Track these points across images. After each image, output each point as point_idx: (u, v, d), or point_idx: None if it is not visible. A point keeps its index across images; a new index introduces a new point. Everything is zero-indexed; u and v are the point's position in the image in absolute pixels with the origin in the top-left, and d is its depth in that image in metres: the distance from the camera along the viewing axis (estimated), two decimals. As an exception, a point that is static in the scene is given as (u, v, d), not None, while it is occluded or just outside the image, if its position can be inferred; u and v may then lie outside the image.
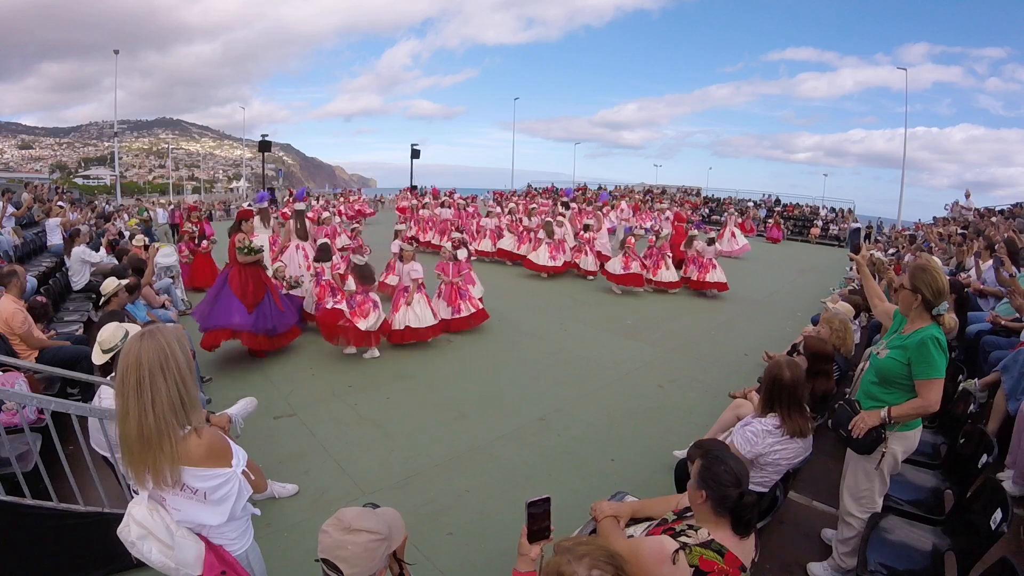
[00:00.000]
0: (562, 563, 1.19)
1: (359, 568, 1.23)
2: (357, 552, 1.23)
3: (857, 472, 2.48)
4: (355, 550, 1.23)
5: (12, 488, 2.40)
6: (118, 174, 35.08)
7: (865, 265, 2.98)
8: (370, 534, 1.25)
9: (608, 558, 1.18)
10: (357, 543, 1.23)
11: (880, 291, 2.95)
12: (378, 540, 1.26)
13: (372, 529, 1.26)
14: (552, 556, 1.26)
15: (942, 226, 13.40)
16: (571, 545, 1.24)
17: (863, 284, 3.03)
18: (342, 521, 1.27)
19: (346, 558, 1.22)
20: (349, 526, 1.25)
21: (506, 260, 11.65)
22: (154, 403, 1.35)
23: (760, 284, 11.04)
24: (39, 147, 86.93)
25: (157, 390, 1.35)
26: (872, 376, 2.45)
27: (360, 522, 1.26)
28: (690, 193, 27.81)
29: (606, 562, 1.17)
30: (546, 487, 3.51)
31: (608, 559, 1.18)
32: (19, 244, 7.73)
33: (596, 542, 1.28)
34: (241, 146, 75.46)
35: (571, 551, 1.20)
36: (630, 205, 17.05)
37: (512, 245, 11.62)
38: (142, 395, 1.34)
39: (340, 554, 1.23)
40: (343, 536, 1.24)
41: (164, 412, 1.36)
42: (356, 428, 4.28)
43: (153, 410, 1.35)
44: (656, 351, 6.43)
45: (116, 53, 29.01)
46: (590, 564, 1.16)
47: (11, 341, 3.91)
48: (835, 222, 21.63)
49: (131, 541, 1.48)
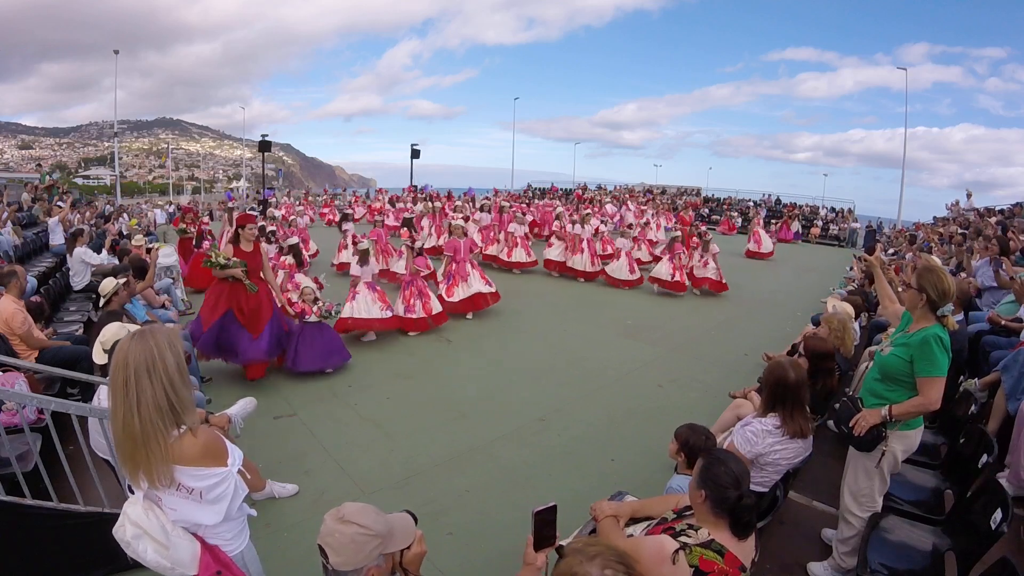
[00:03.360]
0: (575, 564, 1.19)
1: (344, 557, 1.27)
2: (343, 542, 1.28)
3: (858, 471, 2.49)
4: (341, 539, 1.28)
5: (12, 488, 2.40)
6: (118, 174, 35.05)
7: (879, 267, 2.98)
8: (360, 528, 1.29)
9: (619, 558, 1.20)
10: (344, 533, 1.28)
11: (891, 292, 2.95)
12: (367, 535, 1.29)
13: (363, 524, 1.30)
14: (563, 559, 1.27)
15: (942, 226, 13.40)
16: (582, 546, 1.25)
17: (876, 285, 3.03)
18: (340, 511, 1.32)
19: (332, 545, 1.28)
20: (343, 517, 1.31)
21: (555, 271, 10.45)
22: (139, 404, 1.35)
23: (760, 284, 11.03)
24: (39, 147, 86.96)
25: (143, 391, 1.35)
26: (875, 373, 2.46)
27: (355, 516, 1.31)
28: (690, 193, 27.82)
29: (617, 562, 1.19)
30: (546, 487, 3.53)
31: (619, 559, 1.20)
32: (19, 244, 7.74)
33: (606, 543, 1.30)
34: (241, 146, 75.49)
35: (582, 552, 1.21)
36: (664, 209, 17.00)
37: (560, 255, 10.40)
38: (128, 396, 1.35)
39: (328, 540, 1.29)
40: (334, 525, 1.30)
41: (150, 413, 1.36)
42: (356, 428, 4.28)
43: (139, 411, 1.35)
44: (656, 351, 6.43)
45: (116, 53, 29.01)
46: (602, 564, 1.18)
47: (11, 341, 3.91)
48: (835, 222, 21.64)
49: (126, 541, 1.47)
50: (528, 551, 1.46)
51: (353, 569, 1.29)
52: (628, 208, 16.21)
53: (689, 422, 2.63)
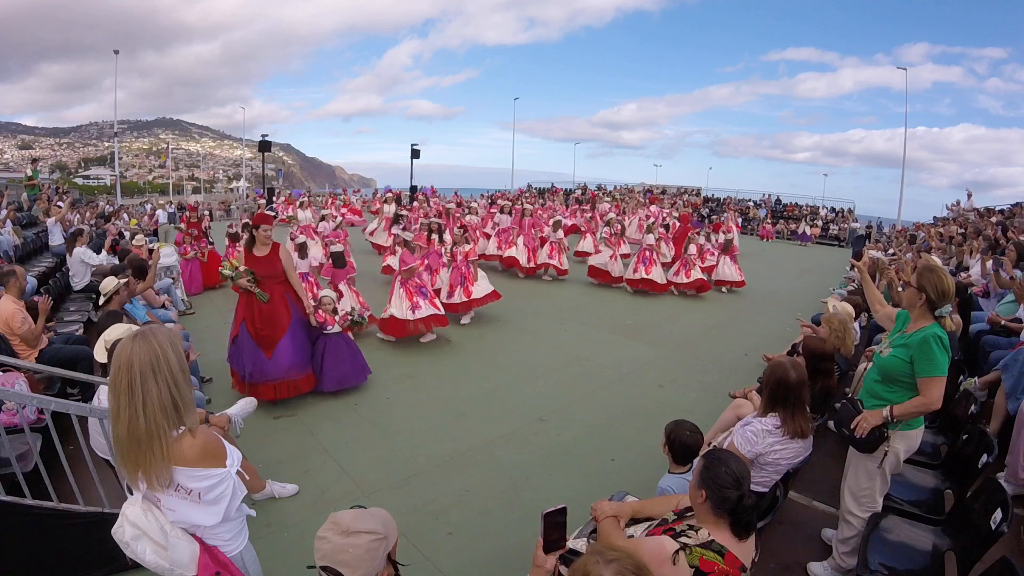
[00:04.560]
0: (590, 563, 1.18)
1: (363, 570, 1.20)
2: (359, 555, 1.20)
3: (859, 471, 2.48)
4: (357, 552, 1.20)
5: (12, 488, 2.40)
6: (118, 174, 35.07)
7: (866, 271, 2.98)
8: (370, 535, 1.23)
9: (636, 569, 1.17)
10: (359, 545, 1.20)
11: (880, 296, 2.96)
12: (378, 540, 1.24)
13: (371, 529, 1.24)
14: (581, 555, 1.26)
15: (942, 226, 13.39)
16: (601, 548, 1.23)
17: (864, 289, 3.04)
18: (339, 524, 1.24)
19: (348, 562, 1.19)
20: (348, 529, 1.22)
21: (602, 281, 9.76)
22: (145, 405, 1.34)
23: (760, 284, 11.03)
24: (39, 147, 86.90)
25: (148, 392, 1.35)
26: (875, 374, 2.46)
27: (358, 524, 1.24)
28: (690, 193, 27.81)
29: (632, 571, 1.16)
30: (546, 487, 3.53)
31: (636, 569, 1.17)
32: (19, 244, 7.73)
33: (626, 550, 1.26)
34: (241, 146, 75.41)
35: (601, 554, 1.20)
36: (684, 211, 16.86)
37: (606, 262, 9.73)
38: (133, 397, 1.34)
39: (342, 558, 1.19)
40: (343, 540, 1.21)
41: (155, 414, 1.35)
42: (356, 428, 4.28)
43: (144, 413, 1.35)
44: (656, 351, 6.43)
45: (116, 53, 28.98)
46: (617, 570, 1.15)
47: (11, 341, 3.91)
48: (835, 222, 21.64)
49: (125, 541, 1.47)
50: (538, 553, 1.43)
51: None
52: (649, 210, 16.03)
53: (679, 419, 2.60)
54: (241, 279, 4.23)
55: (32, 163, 16.78)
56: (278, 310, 4.35)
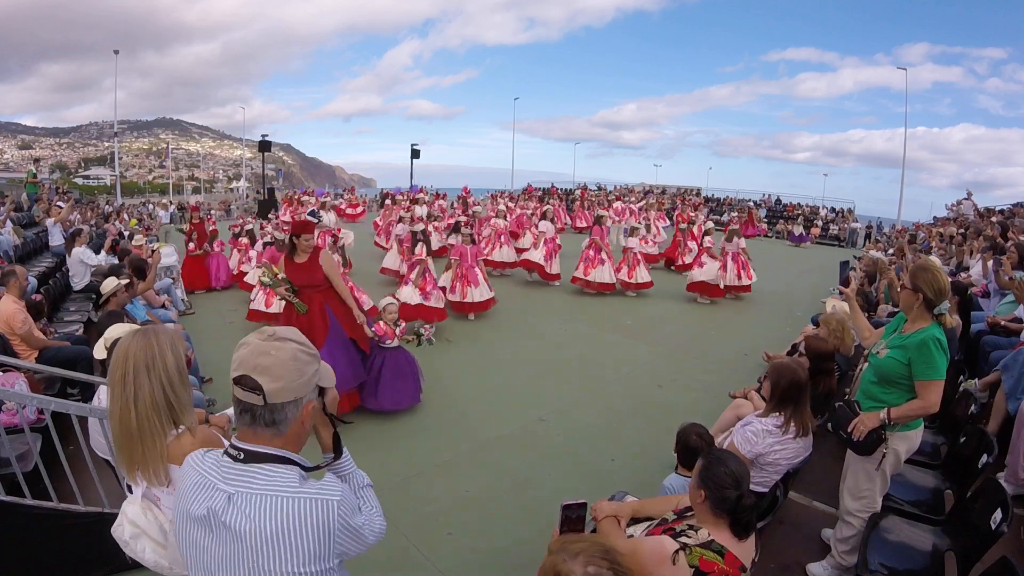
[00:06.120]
0: (558, 562, 1.16)
1: (284, 382, 1.04)
2: (283, 359, 1.05)
3: (858, 473, 2.48)
4: (281, 356, 1.05)
5: (12, 488, 2.40)
6: (118, 174, 35.07)
7: (854, 299, 2.98)
8: (298, 344, 1.10)
9: (603, 553, 1.16)
10: (283, 350, 1.06)
11: (868, 324, 2.93)
12: (308, 354, 1.10)
13: (301, 341, 1.11)
14: (546, 556, 1.24)
15: (942, 226, 13.39)
16: (563, 544, 1.21)
17: (852, 317, 3.02)
18: (264, 331, 1.11)
19: (268, 367, 1.04)
20: (273, 334, 1.10)
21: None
22: (136, 399, 1.35)
23: (760, 284, 11.02)
24: (39, 147, 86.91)
25: (140, 387, 1.35)
26: (871, 376, 2.44)
27: (288, 332, 1.11)
28: (690, 193, 27.80)
29: (601, 557, 1.15)
30: (546, 487, 3.53)
31: (603, 554, 1.15)
32: (19, 244, 7.73)
33: (589, 538, 1.24)
34: (241, 146, 75.36)
35: (564, 549, 1.18)
36: None
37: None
38: (126, 389, 1.35)
39: (262, 362, 1.04)
40: (266, 343, 1.07)
41: (147, 410, 1.35)
42: (355, 427, 4.27)
43: (135, 407, 1.35)
44: (656, 351, 6.43)
45: (116, 53, 28.95)
46: (585, 561, 1.14)
47: (11, 341, 3.91)
48: (835, 222, 21.65)
49: (124, 540, 1.47)
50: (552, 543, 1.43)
51: (293, 400, 1.07)
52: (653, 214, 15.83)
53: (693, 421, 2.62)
54: (280, 287, 4.04)
55: (34, 163, 16.79)
56: (315, 324, 4.05)
